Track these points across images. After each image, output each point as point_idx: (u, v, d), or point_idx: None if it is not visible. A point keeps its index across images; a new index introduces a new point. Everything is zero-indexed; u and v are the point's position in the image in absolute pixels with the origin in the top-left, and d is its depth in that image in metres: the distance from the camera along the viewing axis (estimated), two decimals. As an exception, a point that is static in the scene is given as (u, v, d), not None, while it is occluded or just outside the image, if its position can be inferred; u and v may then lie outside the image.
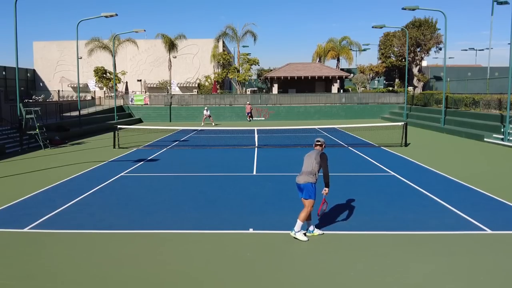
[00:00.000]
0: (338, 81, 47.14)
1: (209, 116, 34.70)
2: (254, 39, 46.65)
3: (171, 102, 40.20)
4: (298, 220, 7.21)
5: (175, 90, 43.39)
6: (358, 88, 47.42)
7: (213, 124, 33.89)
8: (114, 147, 19.60)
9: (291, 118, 38.76)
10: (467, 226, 7.89)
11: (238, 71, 45.88)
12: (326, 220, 8.29)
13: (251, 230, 7.74)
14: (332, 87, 46.07)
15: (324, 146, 7.66)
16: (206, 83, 47.46)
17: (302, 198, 7.29)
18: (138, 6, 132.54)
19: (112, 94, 39.61)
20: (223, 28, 53.65)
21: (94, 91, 42.54)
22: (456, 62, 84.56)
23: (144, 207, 9.39)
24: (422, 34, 38.99)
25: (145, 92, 47.98)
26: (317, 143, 7.59)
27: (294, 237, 7.26)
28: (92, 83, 39.40)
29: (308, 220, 7.37)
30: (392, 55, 46.35)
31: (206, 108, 36.25)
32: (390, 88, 45.26)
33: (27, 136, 19.85)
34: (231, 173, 13.58)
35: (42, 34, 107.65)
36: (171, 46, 43.95)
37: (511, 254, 6.58)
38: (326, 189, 7.20)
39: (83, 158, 16.83)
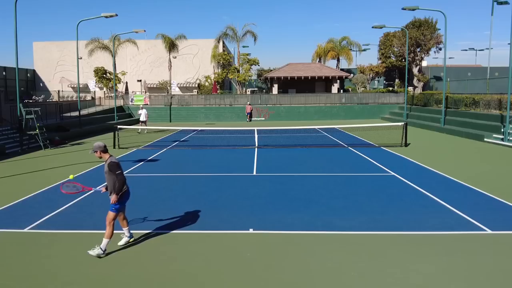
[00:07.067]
0: (338, 81, 47.17)
1: (144, 121, 28.83)
2: (254, 39, 46.68)
3: (171, 103, 40.21)
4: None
5: (175, 90, 43.38)
6: (358, 88, 47.42)
7: (145, 132, 27.56)
8: (114, 147, 19.60)
9: (291, 118, 38.75)
10: (467, 226, 7.89)
11: (238, 71, 45.87)
12: (325, 220, 8.30)
13: (251, 230, 7.74)
14: (332, 87, 46.11)
15: (103, 152, 6.42)
16: (206, 83, 47.44)
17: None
18: (138, 6, 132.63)
19: (112, 95, 39.61)
20: (223, 29, 53.68)
21: (94, 92, 42.48)
22: (456, 62, 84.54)
23: (144, 207, 9.38)
24: (422, 34, 38.99)
25: (145, 92, 47.97)
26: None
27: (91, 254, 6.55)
28: (92, 84, 39.36)
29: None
30: (392, 55, 46.37)
31: (141, 106, 31.50)
32: (390, 88, 45.26)
33: (27, 137, 19.85)
34: (231, 173, 13.57)
35: (42, 35, 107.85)
36: (171, 46, 43.96)
37: (511, 254, 6.58)
38: (114, 196, 6.43)
39: (83, 158, 16.82)
